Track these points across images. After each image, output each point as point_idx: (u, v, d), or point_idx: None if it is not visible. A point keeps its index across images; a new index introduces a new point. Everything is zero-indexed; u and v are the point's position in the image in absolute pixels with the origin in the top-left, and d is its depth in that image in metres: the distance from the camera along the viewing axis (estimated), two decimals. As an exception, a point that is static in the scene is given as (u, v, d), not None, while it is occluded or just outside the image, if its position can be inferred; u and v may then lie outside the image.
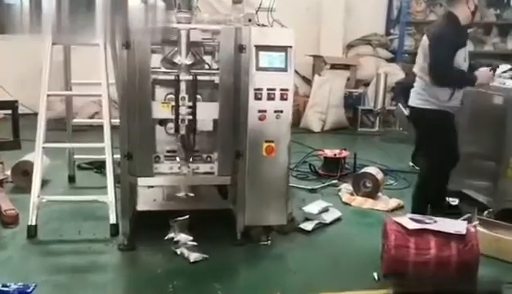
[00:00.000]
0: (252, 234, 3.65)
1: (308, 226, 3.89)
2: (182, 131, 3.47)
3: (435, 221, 3.17)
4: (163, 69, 3.49)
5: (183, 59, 3.45)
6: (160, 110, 3.39)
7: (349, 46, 9.28)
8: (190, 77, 3.37)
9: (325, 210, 4.12)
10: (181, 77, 3.38)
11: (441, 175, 4.07)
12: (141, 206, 3.88)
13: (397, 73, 8.61)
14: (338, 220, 4.15)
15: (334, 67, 8.56)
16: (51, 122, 5.95)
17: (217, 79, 3.43)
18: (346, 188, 4.89)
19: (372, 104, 8.40)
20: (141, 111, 3.33)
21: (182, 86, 3.41)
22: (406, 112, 7.27)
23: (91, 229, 3.80)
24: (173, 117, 3.38)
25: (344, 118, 8.33)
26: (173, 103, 3.37)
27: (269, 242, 3.63)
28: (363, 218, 4.33)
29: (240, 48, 3.34)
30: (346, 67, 8.69)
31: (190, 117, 3.40)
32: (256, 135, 3.45)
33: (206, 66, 3.69)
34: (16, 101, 4.71)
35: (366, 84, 8.81)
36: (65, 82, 4.50)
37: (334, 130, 8.14)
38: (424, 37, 3.89)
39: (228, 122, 3.44)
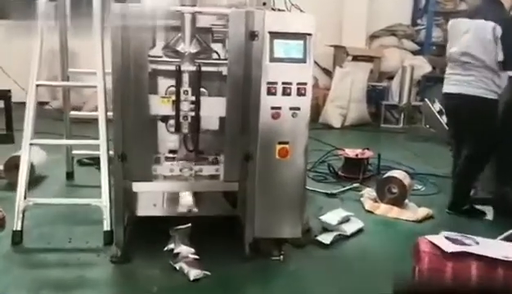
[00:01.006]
0: (262, 248, 3.21)
1: (327, 239, 3.44)
2: (185, 130, 3.05)
3: (477, 242, 2.70)
4: (164, 58, 3.06)
5: (187, 46, 3.02)
6: (159, 105, 2.97)
7: (373, 37, 8.80)
8: (194, 68, 2.93)
9: (346, 220, 3.67)
10: (183, 68, 2.95)
11: (485, 162, 4.08)
12: (140, 211, 3.49)
13: (423, 67, 8.12)
14: (359, 230, 3.70)
15: (356, 58, 8.08)
16: (55, 112, 5.65)
17: (225, 70, 2.99)
18: (369, 193, 4.42)
19: (397, 99, 7.89)
20: (137, 106, 2.90)
21: (185, 77, 2.99)
22: (435, 108, 6.81)
23: (83, 236, 3.41)
24: (174, 113, 2.96)
25: (366, 113, 7.86)
26: (174, 97, 2.95)
27: (282, 257, 3.19)
28: (388, 229, 3.86)
29: (252, 35, 2.88)
30: (369, 59, 8.21)
31: (193, 113, 2.98)
32: (268, 135, 3.00)
33: (214, 55, 3.25)
34: (9, 91, 4.35)
35: (390, 77, 8.31)
36: (62, 71, 4.12)
37: (356, 126, 7.66)
38: (491, 24, 3.74)
39: (237, 121, 3.00)
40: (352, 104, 7.69)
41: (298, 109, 3.00)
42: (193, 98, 2.97)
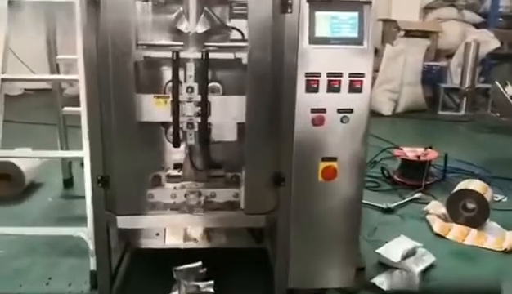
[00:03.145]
0: (299, 300, 2.36)
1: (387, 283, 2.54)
2: (191, 141, 2.19)
3: None
4: (158, 42, 2.19)
5: (192, 25, 2.13)
6: (152, 109, 2.10)
7: (428, 9, 7.69)
8: (199, 55, 2.05)
9: (412, 253, 2.75)
10: (184, 55, 2.07)
11: None
12: (138, 242, 2.69)
13: (490, 42, 6.96)
14: (430, 266, 2.77)
15: (409, 34, 7.01)
16: (69, 100, 4.92)
17: (244, 57, 2.09)
18: (435, 208, 3.47)
19: (457, 82, 6.80)
20: (120, 110, 2.06)
21: (189, 69, 2.12)
22: (507, 92, 5.71)
23: (66, 274, 2.66)
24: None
25: (422, 98, 6.82)
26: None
27: (326, 314, 2.33)
28: (469, 265, 2.90)
29: (284, 5, 1.98)
30: (424, 34, 7.11)
31: (200, 119, 2.11)
32: (308, 149, 2.13)
33: (233, 36, 2.35)
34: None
35: (449, 56, 7.20)
36: (49, 59, 3.33)
37: (409, 113, 6.65)
38: None
39: (263, 128, 2.12)
40: (405, 87, 6.68)
41: (351, 111, 2.10)
42: (199, 97, 2.10)
